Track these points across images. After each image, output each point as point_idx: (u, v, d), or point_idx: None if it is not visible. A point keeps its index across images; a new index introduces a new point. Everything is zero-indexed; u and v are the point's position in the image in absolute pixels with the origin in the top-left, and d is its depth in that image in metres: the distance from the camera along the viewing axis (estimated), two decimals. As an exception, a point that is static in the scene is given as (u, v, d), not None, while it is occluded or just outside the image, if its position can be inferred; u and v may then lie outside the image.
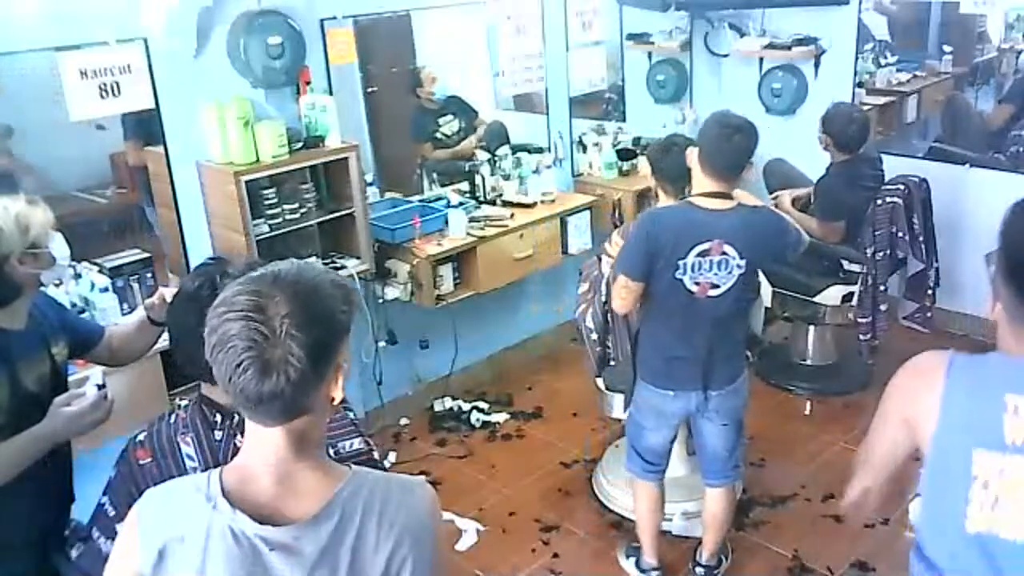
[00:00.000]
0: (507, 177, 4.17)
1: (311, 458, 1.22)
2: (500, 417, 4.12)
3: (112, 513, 1.68)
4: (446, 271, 3.76)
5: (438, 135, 4.31)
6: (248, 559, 1.16)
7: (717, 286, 2.53)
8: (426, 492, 1.28)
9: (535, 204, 4.09)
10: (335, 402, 1.22)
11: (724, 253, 2.50)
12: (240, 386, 1.12)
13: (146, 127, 3.16)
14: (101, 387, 1.96)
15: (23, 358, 1.96)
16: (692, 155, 2.59)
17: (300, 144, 3.29)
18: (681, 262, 2.49)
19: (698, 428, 2.82)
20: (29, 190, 2.24)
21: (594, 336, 3.10)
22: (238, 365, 1.11)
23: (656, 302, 2.62)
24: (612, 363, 3.15)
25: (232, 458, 1.30)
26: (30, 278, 1.93)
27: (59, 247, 2.00)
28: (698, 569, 3.02)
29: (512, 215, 3.98)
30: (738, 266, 2.52)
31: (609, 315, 3.08)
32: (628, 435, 2.93)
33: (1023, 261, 1.43)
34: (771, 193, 4.28)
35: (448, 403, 4.24)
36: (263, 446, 1.20)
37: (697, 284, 2.52)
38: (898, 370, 1.58)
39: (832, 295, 3.93)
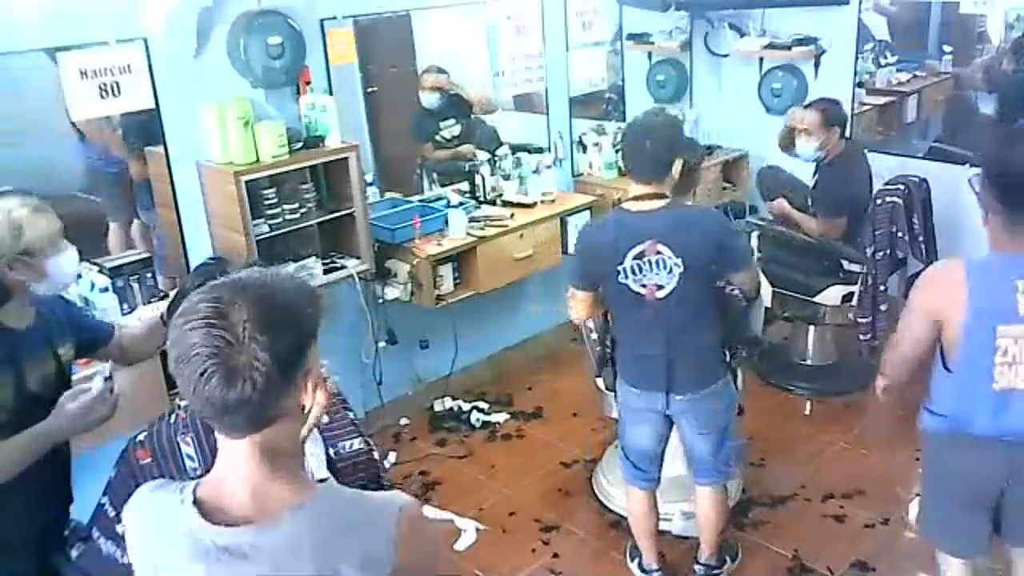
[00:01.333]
0: (507, 177, 4.17)
1: (284, 472, 1.18)
2: (500, 417, 4.12)
3: (112, 513, 1.68)
4: (446, 271, 3.75)
5: (438, 138, 4.31)
6: (208, 563, 1.14)
7: (662, 286, 2.52)
8: (394, 518, 1.21)
9: (535, 204, 4.09)
10: (306, 410, 1.18)
11: (659, 252, 2.49)
12: (206, 395, 1.09)
13: (146, 130, 3.16)
14: (107, 379, 1.95)
15: (28, 358, 1.96)
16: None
17: (300, 144, 3.29)
18: (620, 267, 2.51)
19: (681, 430, 2.81)
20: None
21: (594, 336, 3.10)
22: (202, 374, 1.08)
23: (612, 306, 2.69)
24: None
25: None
26: (18, 284, 1.91)
27: (68, 261, 1.97)
28: (697, 567, 3.02)
29: (512, 215, 3.98)
30: (676, 265, 2.49)
31: (609, 315, 3.07)
32: (620, 438, 2.93)
33: (1007, 185, 1.98)
34: (765, 200, 4.30)
35: (448, 403, 4.23)
36: (234, 459, 1.18)
37: (644, 286, 2.53)
38: (919, 279, 2.15)
39: (832, 295, 3.93)
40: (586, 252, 2.65)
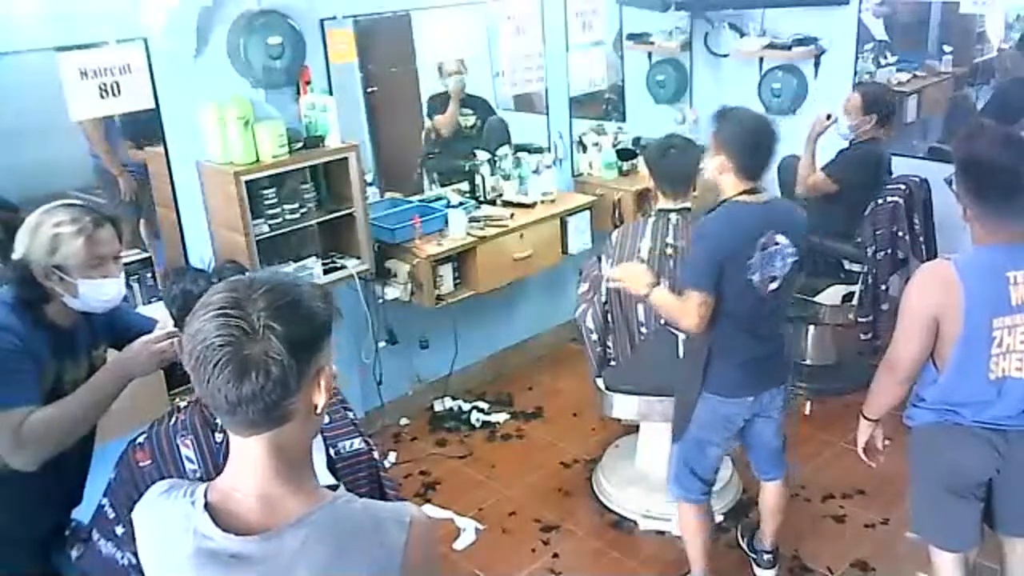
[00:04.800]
0: (507, 177, 4.17)
1: (294, 478, 1.18)
2: (500, 417, 4.12)
3: (112, 515, 1.68)
4: (446, 271, 3.75)
5: None
6: (210, 565, 1.14)
7: (775, 278, 2.52)
8: (403, 530, 1.19)
9: (535, 204, 4.09)
10: (318, 411, 1.18)
11: (777, 243, 2.49)
12: (218, 386, 1.08)
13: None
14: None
15: (70, 357, 2.00)
16: (717, 162, 2.54)
17: (300, 144, 3.29)
18: (750, 261, 2.47)
19: (755, 428, 2.76)
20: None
21: (594, 336, 3.10)
22: (216, 364, 1.07)
23: (725, 308, 2.52)
24: (612, 363, 3.15)
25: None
26: (53, 293, 1.94)
27: (101, 289, 1.97)
28: (766, 556, 2.99)
29: (512, 215, 3.97)
30: (791, 254, 2.52)
31: (609, 315, 3.07)
32: (685, 459, 2.76)
33: (980, 178, 2.09)
34: (782, 191, 4.28)
35: (448, 403, 4.24)
36: (245, 462, 1.17)
37: (762, 280, 2.51)
38: (910, 285, 2.18)
39: (832, 295, 3.93)
40: (721, 250, 2.47)
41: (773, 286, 2.52)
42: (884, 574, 3.04)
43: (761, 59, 4.74)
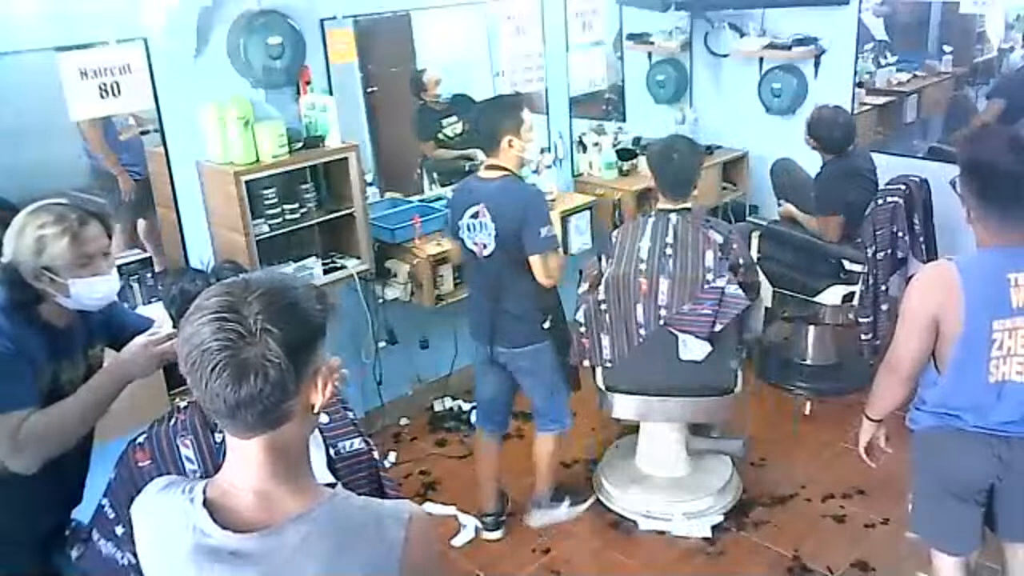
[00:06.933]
0: (507, 177, 4.17)
1: (292, 476, 1.18)
2: (500, 417, 4.11)
3: (112, 515, 1.68)
4: (446, 271, 3.75)
5: (440, 136, 4.30)
6: (209, 562, 1.14)
7: (487, 246, 2.88)
8: (401, 527, 1.19)
9: (535, 204, 4.08)
10: (315, 410, 1.18)
11: (482, 215, 2.86)
12: (216, 391, 1.08)
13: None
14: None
15: (66, 357, 1.99)
16: None
17: (300, 144, 3.29)
18: (460, 223, 2.91)
19: (517, 380, 3.15)
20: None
21: (582, 328, 3.11)
22: (213, 368, 1.07)
23: (463, 262, 3.08)
24: (609, 363, 3.14)
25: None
26: (45, 294, 1.93)
27: (93, 288, 1.95)
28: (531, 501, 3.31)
29: (512, 215, 3.97)
30: (492, 230, 2.85)
31: (608, 316, 3.07)
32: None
33: (983, 181, 2.08)
34: (776, 192, 4.28)
35: (448, 403, 4.24)
36: (243, 461, 1.18)
37: (475, 244, 2.90)
38: (912, 285, 2.18)
39: (832, 295, 3.93)
40: (450, 208, 3.04)
41: (486, 252, 2.90)
42: (884, 574, 3.04)
43: (761, 59, 4.74)
